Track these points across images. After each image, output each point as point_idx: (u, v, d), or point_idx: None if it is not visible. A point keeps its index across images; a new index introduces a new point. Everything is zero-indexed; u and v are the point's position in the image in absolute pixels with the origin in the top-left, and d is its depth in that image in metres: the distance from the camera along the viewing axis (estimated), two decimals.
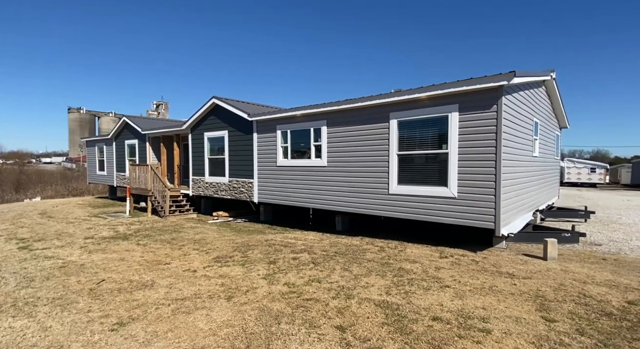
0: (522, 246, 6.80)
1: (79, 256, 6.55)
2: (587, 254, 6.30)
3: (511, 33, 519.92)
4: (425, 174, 6.89)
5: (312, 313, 3.89)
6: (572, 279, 4.84)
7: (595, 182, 33.70)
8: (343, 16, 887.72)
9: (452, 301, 4.14)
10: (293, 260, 6.13)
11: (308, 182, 9.12)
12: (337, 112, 8.34)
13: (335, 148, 8.50)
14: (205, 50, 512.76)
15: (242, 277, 5.25)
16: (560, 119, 11.72)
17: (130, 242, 7.77)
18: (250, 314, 3.87)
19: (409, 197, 7.07)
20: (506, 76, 5.63)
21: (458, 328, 3.43)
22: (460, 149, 6.33)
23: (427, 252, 6.53)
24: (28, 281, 5.05)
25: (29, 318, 3.80)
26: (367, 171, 7.81)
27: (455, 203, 6.43)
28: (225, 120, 11.40)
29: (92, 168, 19.38)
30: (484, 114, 6.03)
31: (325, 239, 7.96)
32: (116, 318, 3.81)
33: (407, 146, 7.12)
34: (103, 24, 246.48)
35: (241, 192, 11.01)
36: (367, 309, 3.96)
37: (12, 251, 7.06)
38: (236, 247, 7.21)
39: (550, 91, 9.74)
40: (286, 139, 9.62)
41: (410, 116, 6.99)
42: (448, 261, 5.88)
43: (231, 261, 6.14)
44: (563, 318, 3.61)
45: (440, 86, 6.37)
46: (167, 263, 6.07)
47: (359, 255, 6.39)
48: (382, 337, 3.29)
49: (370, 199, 7.79)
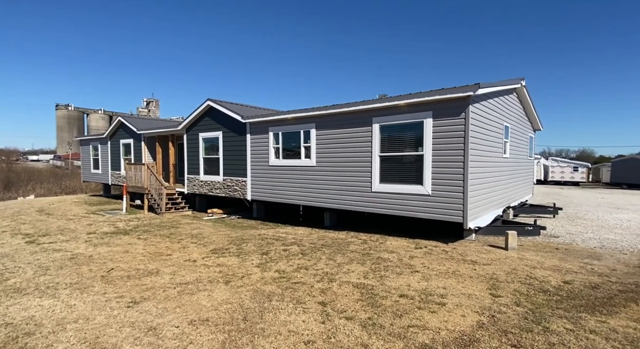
0: (490, 239, 7.59)
1: (86, 249, 7.08)
2: (544, 245, 7.11)
3: (512, 33, 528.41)
4: (404, 173, 7.61)
5: (299, 293, 4.56)
6: (524, 265, 5.61)
7: (577, 181, 35.16)
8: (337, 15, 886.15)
9: (418, 283, 4.86)
10: (284, 251, 6.79)
11: (298, 180, 9.76)
12: (325, 116, 8.99)
13: (323, 149, 9.16)
14: (197, 47, 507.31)
15: (238, 265, 5.88)
16: (534, 122, 12.61)
17: (131, 237, 8.31)
18: (246, 294, 4.51)
19: (390, 195, 7.79)
20: (472, 87, 6.37)
21: (419, 302, 4.14)
22: (434, 152, 7.06)
23: (404, 244, 7.26)
24: (44, 270, 5.60)
25: (53, 298, 4.37)
26: (352, 171, 8.50)
27: (429, 200, 7.16)
28: (219, 121, 11.95)
29: (87, 166, 19.66)
30: (454, 120, 6.77)
31: (314, 234, 8.63)
32: (130, 298, 4.42)
33: (388, 148, 7.83)
34: (92, 19, 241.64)
35: (235, 190, 11.59)
36: (346, 289, 4.64)
37: (21, 245, 7.54)
38: (231, 241, 7.83)
39: (521, 97, 10.57)
40: (278, 140, 10.24)
41: (390, 121, 7.70)
42: (422, 251, 6.61)
43: (227, 253, 6.77)
44: (507, 294, 4.35)
45: (417, 95, 7.08)
46: (168, 255, 6.66)
47: (343, 247, 7.07)
48: (356, 309, 3.98)
49: (355, 196, 8.48)
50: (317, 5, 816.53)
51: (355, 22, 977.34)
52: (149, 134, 15.00)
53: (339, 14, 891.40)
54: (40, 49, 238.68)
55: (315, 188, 9.37)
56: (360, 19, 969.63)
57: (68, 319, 3.79)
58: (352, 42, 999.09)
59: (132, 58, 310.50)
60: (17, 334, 3.47)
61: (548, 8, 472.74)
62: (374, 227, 9.26)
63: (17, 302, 4.28)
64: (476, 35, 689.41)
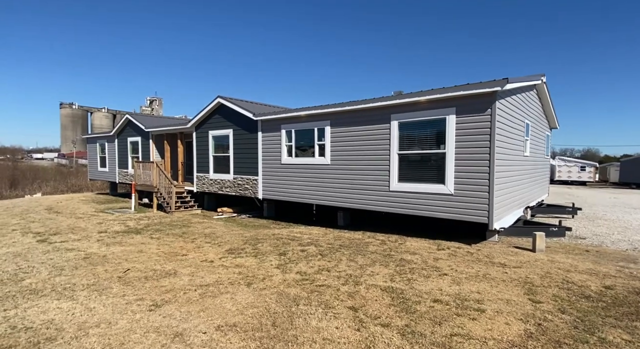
0: (513, 240, 7.35)
1: (99, 248, 6.92)
2: (572, 247, 6.86)
3: (510, 33, 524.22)
4: (424, 172, 7.38)
5: (326, 296, 4.35)
6: (557, 268, 5.37)
7: (585, 181, 34.73)
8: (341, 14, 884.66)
9: (450, 286, 4.64)
10: (301, 252, 6.59)
11: (312, 179, 9.55)
12: (340, 113, 8.77)
13: (338, 147, 8.94)
14: (201, 46, 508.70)
15: (257, 266, 5.69)
16: (551, 120, 12.31)
17: (143, 236, 8.14)
18: (271, 298, 4.31)
19: (409, 194, 7.56)
20: (499, 82, 6.12)
21: (456, 308, 3.92)
22: (457, 149, 6.82)
23: (425, 245, 7.04)
24: (59, 270, 5.43)
25: (72, 300, 4.20)
26: (369, 169, 8.28)
27: (451, 199, 6.93)
28: (230, 119, 11.75)
29: (94, 165, 19.56)
30: (479, 117, 6.52)
31: (329, 234, 8.42)
32: (150, 300, 4.23)
33: (407, 145, 7.60)
34: (96, 18, 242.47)
35: (246, 189, 11.41)
36: (374, 293, 4.43)
37: (32, 244, 7.39)
38: (246, 240, 7.64)
39: (541, 93, 10.29)
40: (290, 138, 10.04)
41: (410, 118, 7.46)
42: (445, 252, 6.38)
43: (244, 253, 6.57)
44: (547, 300, 4.12)
45: (439, 91, 6.84)
46: (184, 255, 6.48)
47: (362, 248, 6.86)
48: (390, 315, 3.77)
49: (371, 195, 8.26)
50: (317, 5, 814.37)
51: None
52: (157, 132, 14.84)
53: (340, 13, 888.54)
54: (44, 47, 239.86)
55: (330, 187, 9.15)
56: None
57: (89, 323, 3.60)
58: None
59: (135, 57, 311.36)
60: (39, 339, 3.29)
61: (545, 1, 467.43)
62: (389, 227, 9.04)
63: (35, 304, 4.11)
64: (473, 34, 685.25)
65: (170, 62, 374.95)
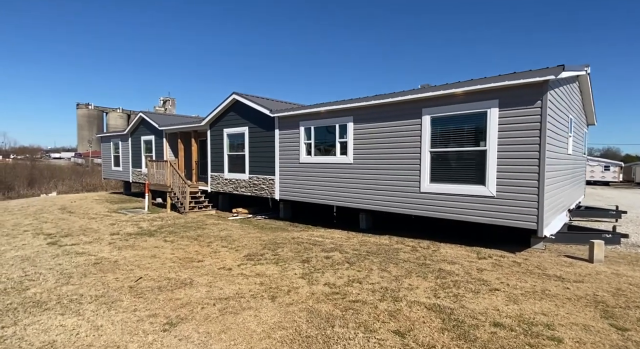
0: (561, 247, 6.59)
1: (110, 253, 6.51)
2: (634, 257, 6.07)
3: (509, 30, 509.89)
4: (461, 172, 6.69)
5: (364, 315, 3.76)
6: (627, 283, 4.64)
7: (608, 181, 33.14)
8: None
9: (506, 305, 3.98)
10: (326, 259, 6.02)
11: (332, 179, 8.97)
12: (365, 108, 8.15)
13: (361, 145, 8.33)
14: (212, 45, 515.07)
15: (280, 276, 5.14)
16: (589, 115, 11.38)
17: (157, 239, 7.72)
18: (300, 316, 3.75)
19: (442, 196, 6.89)
20: (554, 70, 5.39)
21: (524, 335, 3.27)
22: (500, 147, 6.12)
23: (462, 252, 6.36)
24: (66, 278, 5.01)
25: (77, 316, 3.73)
26: (397, 169, 7.63)
27: (493, 202, 6.23)
28: (245, 116, 11.28)
29: (107, 164, 19.47)
30: (527, 110, 5.80)
31: (352, 238, 7.83)
32: (164, 317, 3.73)
33: (441, 143, 6.92)
34: (112, 20, 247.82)
35: (262, 189, 10.91)
36: (419, 312, 3.82)
37: (42, 246, 7.05)
38: (264, 245, 7.12)
39: (582, 86, 9.42)
40: (310, 135, 9.47)
41: (445, 112, 6.78)
42: (487, 262, 5.70)
43: (263, 259, 6.05)
44: (634, 327, 3.43)
45: (479, 81, 6.15)
46: (199, 261, 5.99)
47: (392, 255, 6.24)
48: (446, 344, 3.15)
49: (399, 197, 7.62)
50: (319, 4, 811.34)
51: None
52: (170, 131, 14.52)
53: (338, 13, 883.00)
54: (62, 49, 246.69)
55: (352, 187, 8.55)
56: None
57: (95, 346, 3.12)
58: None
59: (148, 58, 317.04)
60: None
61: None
62: (417, 231, 8.37)
63: (37, 320, 3.66)
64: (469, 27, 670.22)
65: (181, 63, 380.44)
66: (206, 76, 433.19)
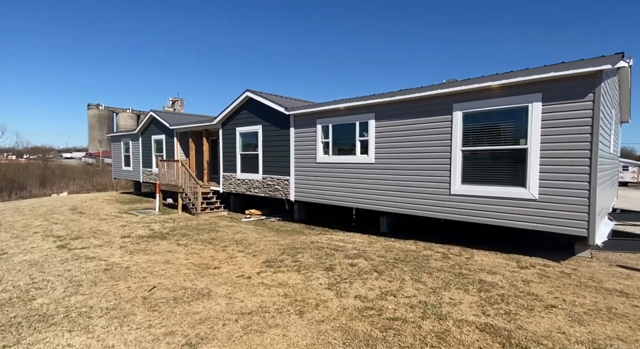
0: (610, 256, 6.00)
1: (121, 257, 6.16)
2: None
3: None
4: (497, 172, 6.15)
5: (408, 337, 3.29)
6: None
7: (626, 181, 31.97)
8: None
9: (571, 326, 3.46)
10: (351, 267, 5.56)
11: (352, 180, 8.50)
12: (388, 104, 7.66)
13: (384, 143, 7.84)
14: (220, 46, 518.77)
15: (304, 286, 4.70)
16: (624, 111, 10.66)
17: (169, 242, 7.36)
18: (335, 337, 3.30)
19: (475, 198, 6.36)
20: (610, 59, 4.83)
21: None
22: (544, 145, 5.56)
23: (499, 260, 5.83)
24: (75, 287, 4.65)
25: (86, 333, 3.34)
26: (423, 169, 7.13)
27: (535, 206, 5.68)
28: (259, 114, 10.88)
29: (118, 164, 19.33)
30: (576, 104, 5.24)
31: (375, 243, 7.34)
32: (182, 336, 3.31)
33: (474, 141, 6.39)
34: (120, 21, 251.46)
35: (276, 190, 10.50)
36: (472, 335, 3.33)
37: (52, 249, 6.75)
38: (282, 250, 6.69)
39: (622, 79, 8.74)
40: (327, 134, 9.02)
41: (478, 107, 6.25)
42: (532, 272, 5.16)
43: (284, 266, 5.62)
44: None
45: (520, 73, 5.60)
46: (216, 267, 5.59)
47: (422, 263, 5.75)
48: None
49: (426, 199, 7.11)
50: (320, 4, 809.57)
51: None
52: (181, 130, 14.23)
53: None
54: (73, 49, 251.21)
55: (373, 189, 8.06)
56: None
57: None
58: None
59: (159, 58, 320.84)
60: None
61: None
62: (443, 236, 7.84)
63: (42, 338, 3.28)
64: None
65: (192, 62, 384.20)
66: (213, 78, 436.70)
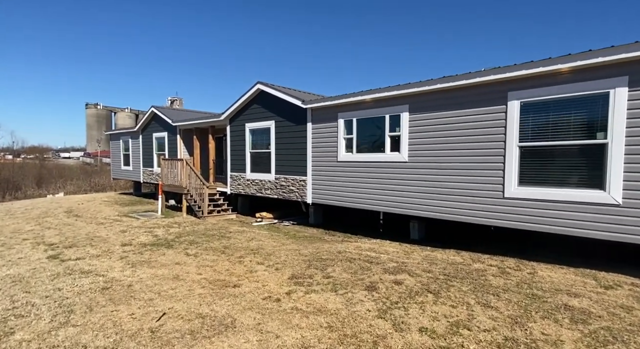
0: None
1: (122, 272, 5.22)
2: None
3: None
4: (564, 172, 5.24)
5: None
6: None
7: None
8: None
9: None
10: (396, 285, 4.64)
11: (380, 180, 7.59)
12: (425, 94, 6.75)
13: (419, 139, 6.93)
14: (219, 45, 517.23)
15: (349, 314, 3.78)
16: None
17: (177, 252, 6.43)
18: None
19: (537, 203, 5.45)
20: None
21: None
22: (630, 139, 4.66)
23: (570, 277, 4.92)
24: (66, 313, 3.72)
25: None
26: (469, 168, 6.22)
27: (618, 212, 4.77)
28: (271, 109, 9.96)
29: (117, 163, 18.36)
30: None
31: (412, 252, 6.43)
32: None
33: (535, 135, 5.47)
34: (118, 21, 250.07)
35: (291, 191, 9.57)
36: None
37: (41, 261, 5.81)
38: (308, 261, 5.77)
39: None
40: (351, 129, 8.10)
41: (542, 96, 5.34)
42: (622, 293, 4.26)
43: (315, 284, 4.70)
44: None
45: (600, 52, 4.69)
46: (235, 285, 4.66)
47: (479, 279, 4.83)
48: None
49: (472, 203, 6.19)
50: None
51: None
52: (185, 126, 13.29)
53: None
54: (71, 49, 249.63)
55: (407, 191, 7.15)
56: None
57: None
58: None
59: (157, 58, 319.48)
60: None
61: None
62: (487, 245, 6.93)
63: None
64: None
65: (190, 61, 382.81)
66: (213, 78, 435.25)
